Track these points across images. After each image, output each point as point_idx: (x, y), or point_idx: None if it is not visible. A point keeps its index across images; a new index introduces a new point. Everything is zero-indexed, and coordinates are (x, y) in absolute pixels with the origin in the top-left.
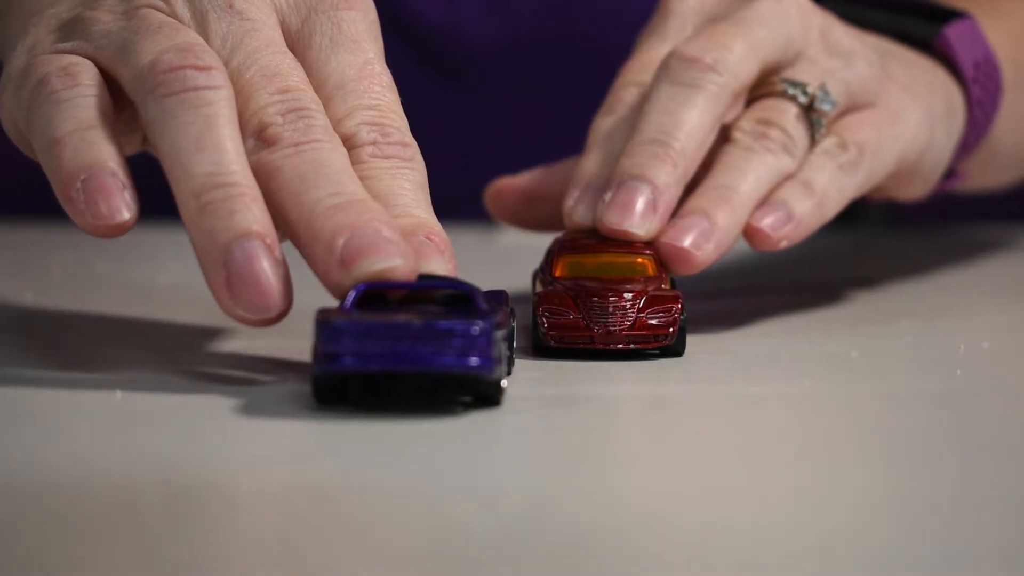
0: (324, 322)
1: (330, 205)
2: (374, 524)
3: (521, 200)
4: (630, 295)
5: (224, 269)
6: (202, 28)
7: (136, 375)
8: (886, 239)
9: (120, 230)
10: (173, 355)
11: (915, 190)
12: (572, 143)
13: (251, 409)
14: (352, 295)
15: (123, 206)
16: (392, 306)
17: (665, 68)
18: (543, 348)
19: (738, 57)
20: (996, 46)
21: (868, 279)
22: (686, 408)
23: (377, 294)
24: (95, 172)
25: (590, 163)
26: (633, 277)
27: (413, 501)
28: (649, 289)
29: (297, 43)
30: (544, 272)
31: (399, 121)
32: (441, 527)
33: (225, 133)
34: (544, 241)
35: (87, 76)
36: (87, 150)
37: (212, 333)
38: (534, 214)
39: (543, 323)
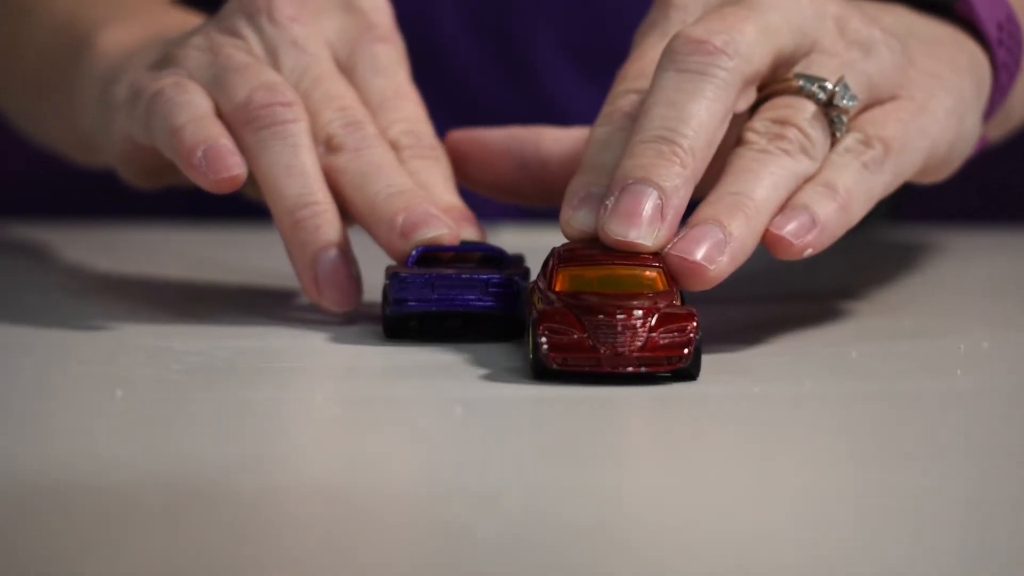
0: (395, 274)
1: (388, 194)
2: (374, 524)
3: (480, 153)
4: (640, 312)
5: (313, 271)
6: (274, 60)
7: (135, 373)
8: (886, 239)
9: (236, 183)
10: (170, 354)
11: (940, 176)
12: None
13: (247, 410)
14: (413, 255)
15: (236, 164)
16: (441, 264)
17: (670, 53)
18: (543, 371)
19: (751, 39)
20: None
21: (868, 279)
22: (687, 409)
23: (430, 255)
24: (211, 143)
25: (586, 177)
26: (641, 292)
27: (413, 501)
28: (660, 305)
29: (344, 70)
30: (542, 286)
31: (428, 129)
32: (441, 528)
33: (308, 160)
34: (540, 243)
35: (195, 88)
36: (202, 131)
37: (212, 332)
38: (493, 172)
39: (543, 343)
